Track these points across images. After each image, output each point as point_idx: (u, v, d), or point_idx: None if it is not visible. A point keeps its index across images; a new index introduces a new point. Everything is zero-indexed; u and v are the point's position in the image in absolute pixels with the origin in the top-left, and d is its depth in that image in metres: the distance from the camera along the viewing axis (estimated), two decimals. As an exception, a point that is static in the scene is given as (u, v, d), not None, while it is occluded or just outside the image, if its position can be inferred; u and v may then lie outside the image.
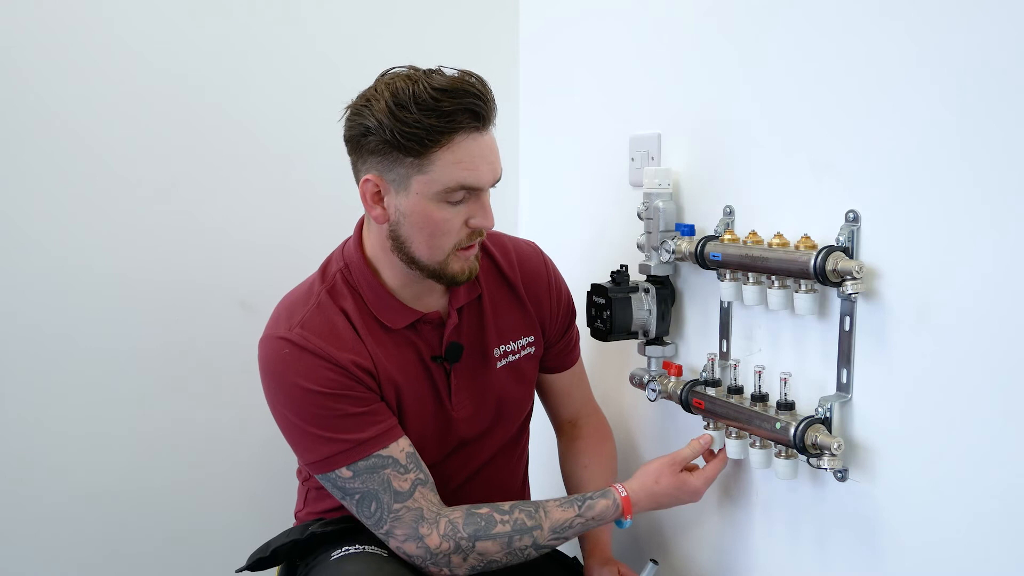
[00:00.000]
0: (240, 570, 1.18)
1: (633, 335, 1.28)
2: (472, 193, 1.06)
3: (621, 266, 1.28)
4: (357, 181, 1.10)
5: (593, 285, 1.28)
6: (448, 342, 1.16)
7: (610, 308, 1.24)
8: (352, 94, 1.62)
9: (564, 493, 1.34)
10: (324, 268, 1.17)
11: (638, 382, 1.31)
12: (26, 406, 1.46)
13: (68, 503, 1.51)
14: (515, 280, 1.24)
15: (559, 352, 1.30)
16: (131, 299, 1.51)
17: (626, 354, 1.38)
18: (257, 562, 1.17)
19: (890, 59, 0.93)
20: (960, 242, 0.87)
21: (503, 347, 1.22)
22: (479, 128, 1.03)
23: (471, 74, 1.04)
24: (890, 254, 0.95)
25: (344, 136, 1.09)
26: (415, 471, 1.09)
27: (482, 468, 1.24)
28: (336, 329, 1.10)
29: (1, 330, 1.43)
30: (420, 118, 0.99)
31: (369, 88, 1.06)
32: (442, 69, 1.04)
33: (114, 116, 1.47)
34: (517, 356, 1.24)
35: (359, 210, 1.41)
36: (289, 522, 1.33)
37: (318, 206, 1.62)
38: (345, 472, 1.06)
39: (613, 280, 1.27)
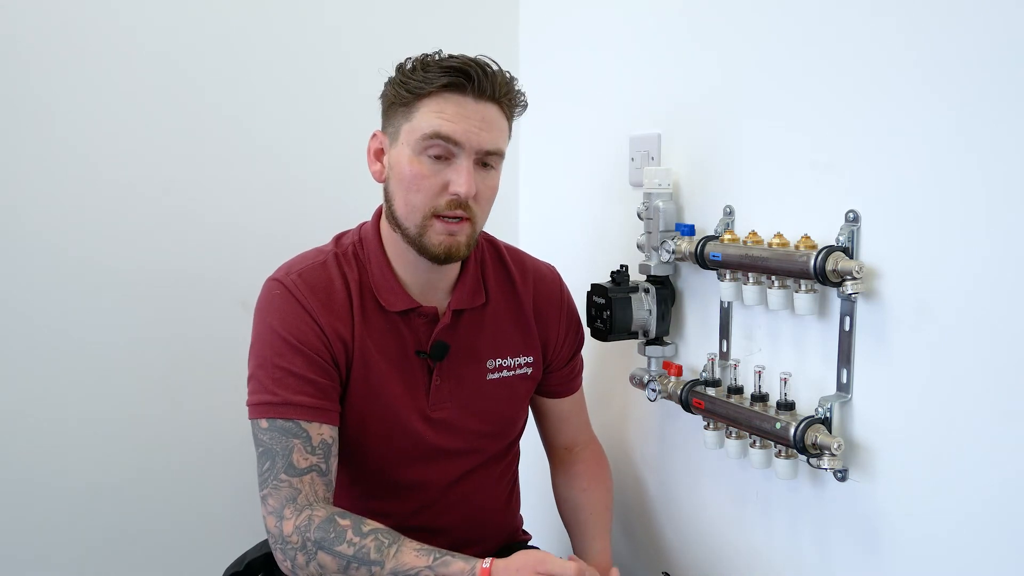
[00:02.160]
0: None
1: (633, 335, 1.28)
2: (454, 153, 1.05)
3: (621, 266, 1.28)
4: None
5: (593, 285, 1.28)
6: (435, 339, 1.16)
7: (610, 308, 1.24)
8: (352, 93, 1.63)
9: (557, 517, 1.33)
10: (337, 238, 1.20)
11: (638, 382, 1.31)
12: (24, 402, 1.46)
13: (65, 498, 1.51)
14: (526, 299, 1.23)
15: (562, 379, 1.30)
16: (131, 296, 1.51)
17: (626, 354, 1.38)
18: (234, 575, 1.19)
19: (890, 59, 0.93)
20: (960, 242, 0.87)
21: (498, 361, 1.21)
22: (469, 91, 1.05)
23: (495, 61, 1.09)
24: (890, 254, 0.95)
25: None
26: (320, 459, 1.07)
27: (461, 479, 1.22)
28: (331, 290, 1.11)
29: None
30: (419, 70, 1.06)
31: None
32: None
33: (114, 113, 1.46)
34: (512, 373, 1.23)
35: (360, 208, 1.41)
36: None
37: (319, 204, 1.62)
38: (263, 423, 1.07)
39: (613, 280, 1.27)
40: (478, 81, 1.05)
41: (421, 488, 1.18)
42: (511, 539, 1.33)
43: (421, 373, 1.16)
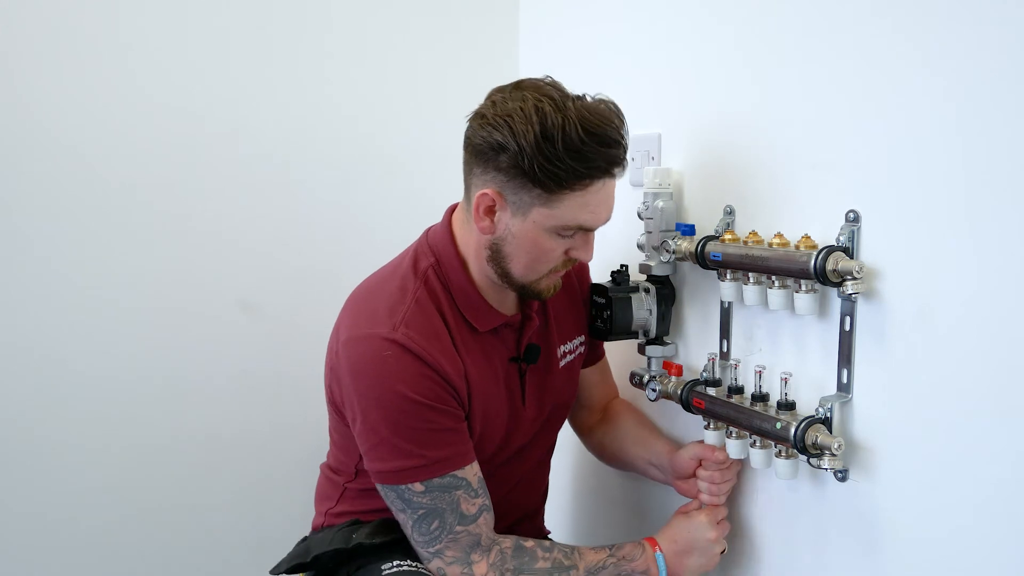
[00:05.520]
0: (276, 571, 1.17)
1: (633, 335, 1.28)
2: (584, 230, 1.06)
3: (621, 266, 1.28)
4: (467, 182, 1.07)
5: (593, 285, 1.28)
6: (528, 343, 1.17)
7: (610, 308, 1.24)
8: (349, 95, 1.64)
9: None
10: (414, 262, 1.12)
11: (638, 382, 1.31)
12: (24, 405, 1.46)
13: (64, 500, 1.51)
14: (572, 280, 1.26)
15: (596, 342, 1.34)
16: (129, 301, 1.51)
17: (626, 354, 1.38)
18: (296, 567, 1.16)
19: (891, 59, 0.93)
20: (960, 242, 0.87)
21: (563, 347, 1.24)
22: (613, 176, 1.04)
23: (614, 111, 1.03)
24: (890, 254, 0.95)
25: (469, 140, 1.05)
26: (483, 496, 1.08)
27: (519, 482, 1.24)
28: (438, 333, 1.07)
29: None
30: (563, 157, 0.97)
31: (512, 101, 1.01)
32: (586, 96, 1.03)
33: (110, 120, 1.46)
34: (573, 356, 1.26)
35: (356, 209, 1.41)
36: (290, 522, 1.32)
37: (316, 207, 1.62)
38: (418, 487, 1.04)
39: (613, 280, 1.27)
40: (621, 166, 1.04)
41: (495, 489, 1.17)
42: (538, 534, 1.35)
43: (515, 378, 1.18)
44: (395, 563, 1.08)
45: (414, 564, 1.09)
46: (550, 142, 0.97)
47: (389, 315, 1.05)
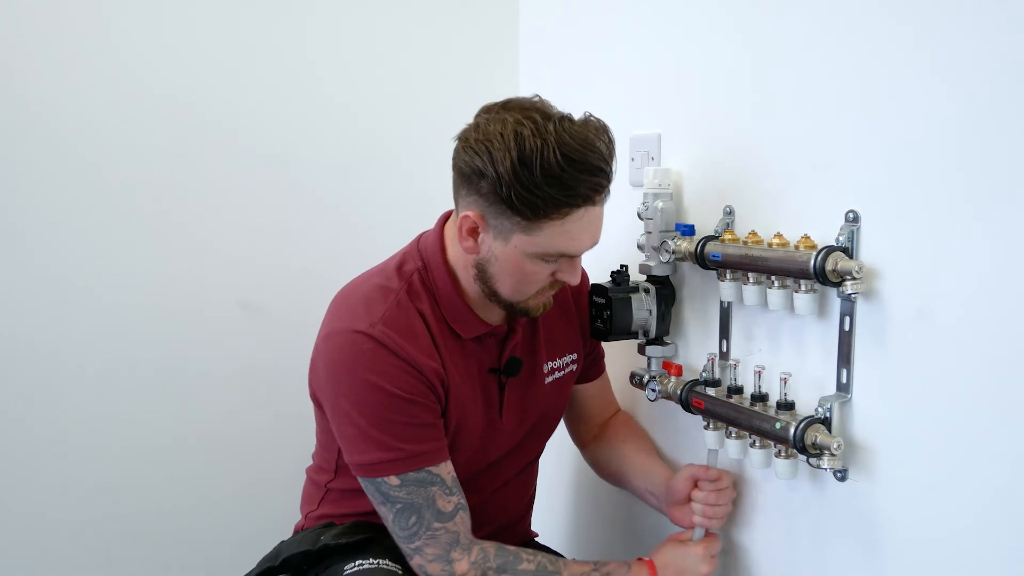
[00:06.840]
0: None
1: (633, 335, 1.28)
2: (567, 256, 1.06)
3: (621, 266, 1.28)
4: (455, 200, 1.08)
5: (593, 285, 1.28)
6: (509, 356, 1.17)
7: (610, 308, 1.24)
8: (347, 97, 1.64)
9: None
10: (399, 265, 1.13)
11: (638, 382, 1.31)
12: (24, 412, 1.46)
13: (65, 501, 1.51)
14: (566, 296, 1.26)
15: (596, 358, 1.34)
16: (130, 301, 1.51)
17: (626, 354, 1.38)
18: (266, 570, 1.16)
19: (891, 59, 0.93)
20: (960, 242, 0.87)
21: (551, 364, 1.24)
22: (594, 204, 1.02)
23: (601, 132, 1.01)
24: (890, 254, 0.95)
25: (455, 162, 1.04)
26: (458, 495, 1.09)
27: (501, 488, 1.24)
28: (416, 331, 1.08)
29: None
30: (541, 184, 0.96)
31: (494, 124, 0.99)
32: (571, 117, 1.01)
33: (110, 120, 1.46)
34: (562, 373, 1.25)
35: (356, 209, 1.41)
36: (289, 524, 1.33)
37: (316, 207, 1.62)
38: (393, 480, 1.05)
39: (613, 280, 1.27)
40: (604, 192, 1.02)
41: (472, 495, 1.18)
42: (524, 537, 1.35)
43: (494, 389, 1.18)
44: (357, 562, 1.09)
45: (375, 561, 1.09)
46: (528, 169, 0.95)
47: (368, 312, 1.07)
